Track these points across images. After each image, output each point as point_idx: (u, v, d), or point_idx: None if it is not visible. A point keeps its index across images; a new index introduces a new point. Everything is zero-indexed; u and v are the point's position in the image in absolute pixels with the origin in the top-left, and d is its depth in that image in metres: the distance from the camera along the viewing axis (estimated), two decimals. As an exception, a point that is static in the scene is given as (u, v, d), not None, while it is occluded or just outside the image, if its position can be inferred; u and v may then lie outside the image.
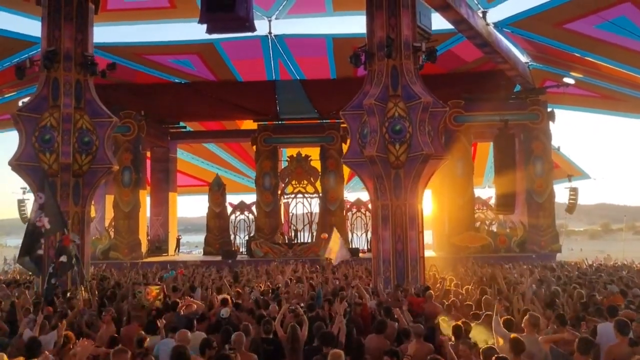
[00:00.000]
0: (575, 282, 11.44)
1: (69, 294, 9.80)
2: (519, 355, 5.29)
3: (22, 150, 13.99)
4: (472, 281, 12.18)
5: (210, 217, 29.10)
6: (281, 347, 6.52)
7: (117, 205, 26.01)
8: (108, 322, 7.54)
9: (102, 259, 24.90)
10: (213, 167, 35.84)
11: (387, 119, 13.40)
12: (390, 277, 13.09)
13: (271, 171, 28.56)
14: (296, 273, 15.32)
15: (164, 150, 30.57)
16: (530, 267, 16.32)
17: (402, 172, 13.42)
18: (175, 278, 14.49)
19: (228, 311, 8.29)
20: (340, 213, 28.57)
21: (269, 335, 6.64)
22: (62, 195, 14.02)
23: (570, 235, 52.12)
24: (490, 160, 29.33)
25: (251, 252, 25.88)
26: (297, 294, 10.51)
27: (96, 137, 14.60)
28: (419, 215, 13.74)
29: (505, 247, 24.85)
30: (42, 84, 14.51)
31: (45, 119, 14.21)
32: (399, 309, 7.71)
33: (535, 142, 24.82)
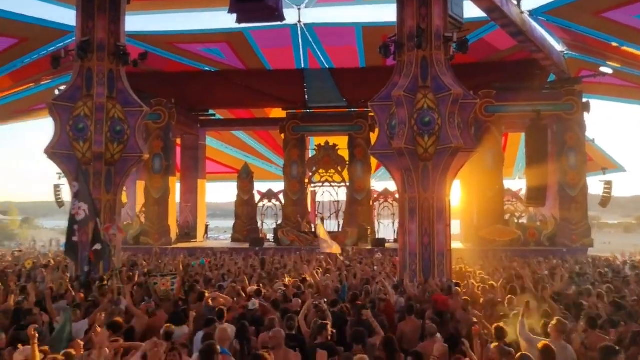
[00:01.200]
0: (605, 280, 11.15)
1: (104, 281, 10.05)
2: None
3: (57, 139, 14.38)
4: (501, 277, 12.01)
5: (238, 205, 29.41)
6: (305, 343, 6.55)
7: (147, 191, 26.53)
8: (141, 316, 7.65)
9: (132, 244, 25.52)
10: (242, 154, 36.15)
11: (416, 110, 13.23)
12: (417, 270, 13.02)
13: (299, 159, 28.64)
14: (322, 264, 15.39)
15: (194, 137, 30.94)
16: (558, 263, 15.98)
17: (431, 165, 13.26)
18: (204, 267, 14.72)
19: (256, 303, 8.37)
20: (367, 202, 28.51)
21: (292, 331, 6.67)
22: (95, 183, 14.36)
23: (603, 228, 50.88)
24: (521, 151, 28.76)
25: (278, 240, 26.09)
26: (323, 287, 10.53)
27: (128, 127, 14.87)
28: (446, 208, 13.58)
29: (535, 240, 24.40)
30: (77, 74, 14.84)
31: (79, 108, 14.54)
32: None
33: (568, 134, 24.15)
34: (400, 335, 7.34)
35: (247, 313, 7.98)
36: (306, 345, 6.57)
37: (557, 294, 9.27)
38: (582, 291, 9.61)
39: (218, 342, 5.73)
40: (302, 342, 6.59)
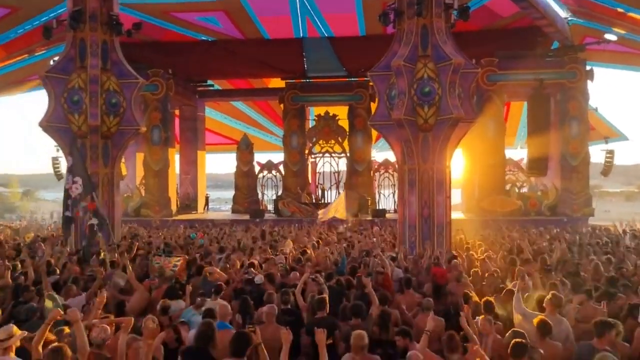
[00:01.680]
0: (605, 251, 11.10)
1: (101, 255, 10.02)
2: (545, 337, 5.18)
3: (52, 111, 14.21)
4: (501, 248, 11.99)
5: (238, 176, 29.32)
6: (301, 317, 6.54)
7: (147, 163, 26.42)
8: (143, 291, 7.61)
9: (133, 216, 25.54)
10: (241, 125, 35.89)
11: (416, 80, 12.98)
12: (416, 242, 13.01)
13: (298, 130, 28.43)
14: (321, 235, 15.42)
15: (193, 108, 30.64)
16: (558, 234, 15.95)
17: (431, 136, 13.09)
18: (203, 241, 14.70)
19: (262, 278, 8.32)
20: (368, 173, 28.42)
21: (287, 305, 6.64)
22: (92, 156, 14.27)
23: (604, 197, 50.86)
24: (523, 120, 28.45)
25: (279, 212, 26.09)
26: (322, 259, 10.52)
27: (123, 99, 14.67)
28: (446, 180, 13.48)
29: (536, 210, 24.37)
30: (69, 45, 14.56)
31: (73, 80, 14.32)
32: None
33: (571, 102, 23.83)
34: (398, 308, 7.32)
35: (252, 288, 7.92)
36: (302, 319, 6.56)
37: (556, 265, 9.23)
38: (581, 262, 9.57)
39: (219, 318, 5.72)
40: (298, 316, 6.58)
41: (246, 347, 4.53)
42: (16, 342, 4.72)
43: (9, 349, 4.64)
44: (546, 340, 5.20)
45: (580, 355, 5.04)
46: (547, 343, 5.20)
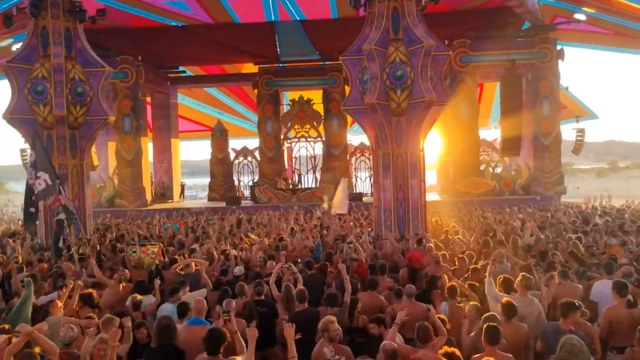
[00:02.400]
0: (574, 229, 11.29)
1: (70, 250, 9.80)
2: (511, 319, 5.24)
3: (15, 103, 13.76)
4: (475, 230, 12.11)
5: (213, 163, 29.01)
6: (275, 307, 6.49)
7: (119, 153, 25.89)
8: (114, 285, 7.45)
9: (107, 206, 25.11)
10: (215, 111, 35.40)
11: (388, 64, 12.90)
12: (391, 225, 13.05)
13: (273, 115, 28.18)
14: (297, 221, 15.38)
15: (164, 95, 30.08)
16: (529, 213, 16.20)
17: (404, 120, 13.06)
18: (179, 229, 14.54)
19: (242, 269, 8.24)
20: (344, 157, 28.39)
21: (261, 296, 6.58)
22: (60, 148, 13.90)
23: (576, 174, 51.85)
24: (496, 100, 28.69)
25: (255, 198, 25.93)
26: (298, 246, 10.47)
27: (90, 88, 14.28)
28: (420, 163, 13.51)
29: (510, 189, 24.74)
30: (31, 33, 14.07)
31: (37, 70, 13.86)
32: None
33: (543, 82, 24.08)
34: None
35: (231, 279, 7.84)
36: (276, 310, 6.50)
37: (527, 246, 9.35)
38: (552, 242, 9.71)
39: (195, 313, 5.62)
40: (272, 307, 6.52)
41: (220, 344, 4.45)
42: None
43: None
44: (512, 321, 5.26)
45: (545, 334, 5.10)
46: (513, 324, 5.27)
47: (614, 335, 5.41)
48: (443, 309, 6.30)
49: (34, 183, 9.18)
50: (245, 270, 8.35)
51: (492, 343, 4.51)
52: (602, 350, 5.29)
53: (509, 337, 5.04)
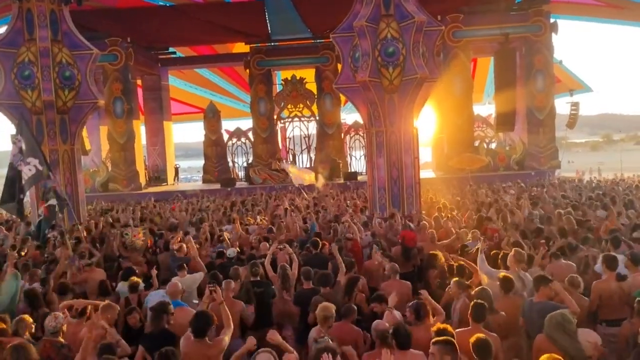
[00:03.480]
0: (568, 204, 11.29)
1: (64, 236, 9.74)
2: (508, 293, 5.27)
3: (2, 88, 13.53)
4: (468, 208, 12.12)
5: (207, 145, 28.85)
6: (271, 288, 6.48)
7: (111, 137, 25.71)
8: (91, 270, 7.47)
9: (101, 191, 25.04)
10: (207, 93, 35.08)
11: (380, 41, 12.69)
12: (386, 204, 13.03)
13: (266, 96, 27.94)
14: (293, 202, 15.34)
15: (155, 78, 29.74)
16: (523, 189, 16.22)
17: (396, 97, 12.92)
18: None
19: (235, 251, 8.22)
20: (338, 136, 28.29)
21: (257, 277, 6.58)
22: (49, 133, 13.74)
23: (571, 147, 51.94)
24: (490, 75, 28.50)
25: (250, 179, 25.87)
26: (292, 227, 10.46)
27: (78, 71, 14.04)
28: (414, 140, 13.41)
29: (504, 165, 24.77)
30: (16, 16, 13.78)
31: (23, 54, 13.61)
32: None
33: (537, 56, 23.94)
34: (366, 273, 7.35)
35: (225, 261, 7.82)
36: (272, 290, 6.49)
37: (520, 224, 9.36)
38: (543, 217, 9.71)
39: (169, 296, 5.62)
40: (268, 287, 6.51)
41: (207, 327, 4.46)
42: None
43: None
44: (509, 295, 5.29)
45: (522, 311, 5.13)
46: (510, 297, 5.30)
47: (604, 308, 5.44)
48: None
49: (23, 169, 9.07)
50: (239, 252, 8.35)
51: (478, 320, 4.51)
52: (592, 323, 5.32)
53: (507, 311, 5.08)
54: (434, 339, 3.70)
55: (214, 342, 4.45)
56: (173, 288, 5.72)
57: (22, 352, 4.04)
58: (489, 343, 3.76)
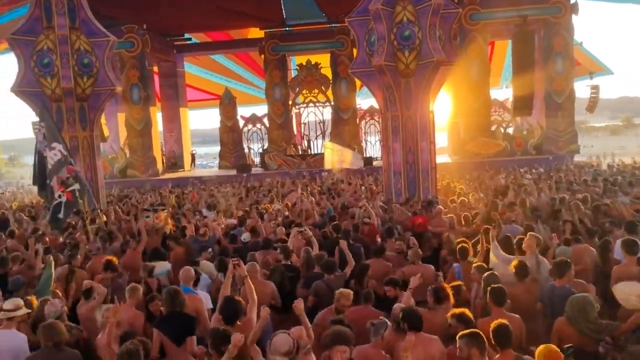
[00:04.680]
0: (586, 189, 11.18)
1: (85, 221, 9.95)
2: (523, 279, 5.26)
3: (23, 76, 13.74)
4: (486, 191, 12.07)
5: (223, 131, 28.99)
6: (300, 272, 6.54)
7: (129, 123, 26.01)
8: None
9: (120, 177, 25.40)
10: (222, 79, 35.14)
11: (395, 24, 12.59)
12: (402, 189, 13.03)
13: (281, 81, 27.89)
14: (307, 187, 15.42)
15: (171, 64, 29.87)
16: (541, 174, 16.06)
17: (412, 81, 12.84)
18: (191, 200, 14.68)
19: (249, 236, 8.32)
20: (353, 121, 28.18)
21: (288, 261, 6.63)
22: (69, 120, 13.95)
23: (590, 132, 51.06)
24: (508, 59, 28.08)
25: (265, 165, 25.99)
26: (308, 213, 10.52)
27: (95, 58, 14.19)
28: (430, 125, 13.35)
29: (522, 149, 24.50)
30: (34, 4, 13.93)
31: (42, 42, 13.79)
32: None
33: (556, 38, 23.47)
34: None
35: (239, 246, 7.92)
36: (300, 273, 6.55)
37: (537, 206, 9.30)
38: (563, 201, 9.63)
39: (182, 282, 5.68)
40: (298, 272, 6.57)
41: (237, 314, 4.46)
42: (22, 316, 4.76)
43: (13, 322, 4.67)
44: (524, 281, 5.29)
45: (542, 295, 5.13)
46: (525, 284, 5.31)
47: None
48: (457, 271, 6.33)
49: (48, 154, 9.27)
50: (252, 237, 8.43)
51: (499, 304, 4.53)
52: (611, 307, 5.30)
53: (522, 298, 5.09)
54: (460, 333, 3.68)
55: (243, 323, 4.46)
56: (185, 273, 5.70)
57: (54, 331, 4.23)
58: (508, 329, 3.76)
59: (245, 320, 4.52)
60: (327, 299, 5.29)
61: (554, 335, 4.39)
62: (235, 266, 4.96)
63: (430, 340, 4.10)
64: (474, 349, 3.52)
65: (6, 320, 4.68)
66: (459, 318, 4.12)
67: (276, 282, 6.05)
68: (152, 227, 9.04)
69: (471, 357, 3.53)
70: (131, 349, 3.69)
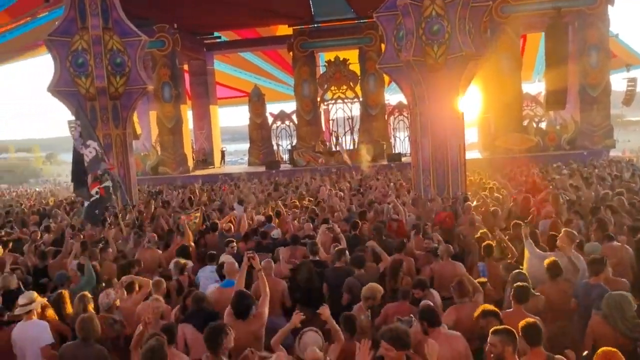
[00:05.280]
0: (621, 185, 10.87)
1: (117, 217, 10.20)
2: (556, 278, 5.17)
3: (59, 76, 14.15)
4: (518, 187, 11.86)
5: (252, 128, 29.25)
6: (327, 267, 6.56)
7: (160, 121, 26.47)
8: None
9: (152, 174, 25.90)
10: (251, 76, 35.41)
11: (424, 18, 12.47)
12: (430, 186, 12.90)
13: (309, 77, 27.96)
14: (335, 184, 15.43)
15: (201, 62, 30.27)
16: (577, 168, 15.67)
17: (441, 76, 12.69)
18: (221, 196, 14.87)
19: (279, 232, 8.39)
20: (382, 117, 28.06)
21: (316, 256, 6.67)
22: (102, 118, 14.30)
23: (627, 126, 49.53)
24: (541, 52, 27.44)
25: (294, 162, 26.12)
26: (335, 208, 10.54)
27: (128, 58, 14.51)
28: (459, 120, 13.17)
29: (555, 145, 23.92)
30: (69, 6, 14.32)
31: (76, 42, 14.17)
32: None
33: (590, 30, 22.80)
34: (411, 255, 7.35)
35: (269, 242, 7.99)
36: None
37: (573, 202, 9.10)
38: (603, 197, 9.36)
39: (227, 275, 5.79)
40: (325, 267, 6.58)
41: (249, 308, 4.51)
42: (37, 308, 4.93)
43: (31, 314, 4.86)
44: (557, 280, 5.19)
45: (576, 292, 5.03)
46: (558, 283, 5.20)
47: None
48: (481, 269, 6.27)
49: (84, 152, 9.57)
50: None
51: (520, 301, 4.47)
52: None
53: (554, 297, 5.00)
54: (494, 328, 3.62)
55: (255, 317, 4.52)
56: (230, 267, 5.79)
57: (85, 327, 4.37)
58: (538, 326, 3.70)
59: (257, 314, 4.56)
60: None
61: (588, 334, 4.30)
62: (250, 259, 5.02)
63: (454, 337, 4.10)
64: (509, 347, 3.47)
65: (25, 314, 4.85)
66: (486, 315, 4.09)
67: (303, 278, 6.10)
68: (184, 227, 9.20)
69: (504, 354, 3.48)
70: (154, 345, 3.63)
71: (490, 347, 3.54)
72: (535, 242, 6.10)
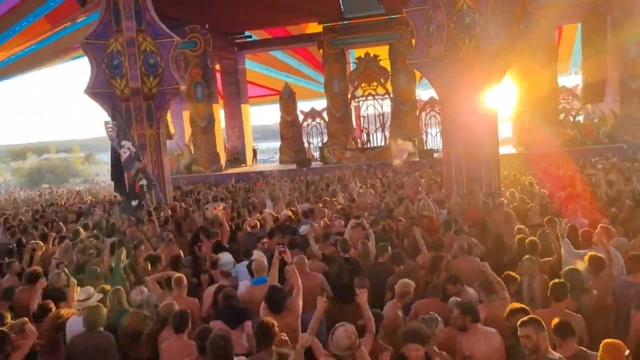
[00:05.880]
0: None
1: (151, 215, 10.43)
2: (599, 274, 5.04)
3: (95, 78, 14.52)
4: (552, 183, 11.58)
5: (283, 126, 29.41)
6: (358, 266, 6.57)
7: (193, 120, 26.92)
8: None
9: (185, 173, 26.36)
10: (282, 75, 35.63)
11: (455, 12, 12.25)
12: (463, 182, 12.70)
13: (340, 75, 27.94)
14: (366, 180, 15.38)
15: (232, 62, 30.61)
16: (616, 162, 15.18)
17: (473, 70, 12.48)
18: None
19: (308, 228, 8.42)
20: (413, 113, 27.81)
21: (347, 253, 6.68)
22: (137, 119, 14.61)
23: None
24: (577, 44, 26.69)
25: (325, 159, 26.14)
26: (368, 205, 10.52)
27: (161, 58, 14.77)
28: (492, 115, 12.92)
29: (593, 138, 23.22)
30: (104, 10, 14.68)
31: (112, 45, 14.52)
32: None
33: (629, 20, 22.00)
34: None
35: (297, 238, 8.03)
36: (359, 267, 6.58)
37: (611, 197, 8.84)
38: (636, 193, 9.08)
39: (255, 273, 5.83)
40: (357, 264, 6.57)
41: (282, 302, 4.55)
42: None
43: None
44: (599, 276, 5.06)
45: (614, 289, 4.89)
46: (601, 279, 5.08)
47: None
48: None
49: (120, 152, 9.83)
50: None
51: (558, 299, 4.38)
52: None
53: (599, 293, 4.87)
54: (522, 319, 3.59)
55: (290, 310, 4.58)
56: (258, 265, 5.80)
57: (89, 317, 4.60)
58: (568, 323, 3.66)
59: (292, 307, 4.61)
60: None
61: (632, 332, 4.19)
62: (281, 253, 5.06)
63: (491, 333, 4.09)
64: (542, 333, 3.45)
65: (81, 310, 5.01)
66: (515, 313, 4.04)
67: (334, 273, 6.10)
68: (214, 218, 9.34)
69: (539, 341, 3.43)
70: (220, 334, 3.78)
71: (524, 341, 3.49)
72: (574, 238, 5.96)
